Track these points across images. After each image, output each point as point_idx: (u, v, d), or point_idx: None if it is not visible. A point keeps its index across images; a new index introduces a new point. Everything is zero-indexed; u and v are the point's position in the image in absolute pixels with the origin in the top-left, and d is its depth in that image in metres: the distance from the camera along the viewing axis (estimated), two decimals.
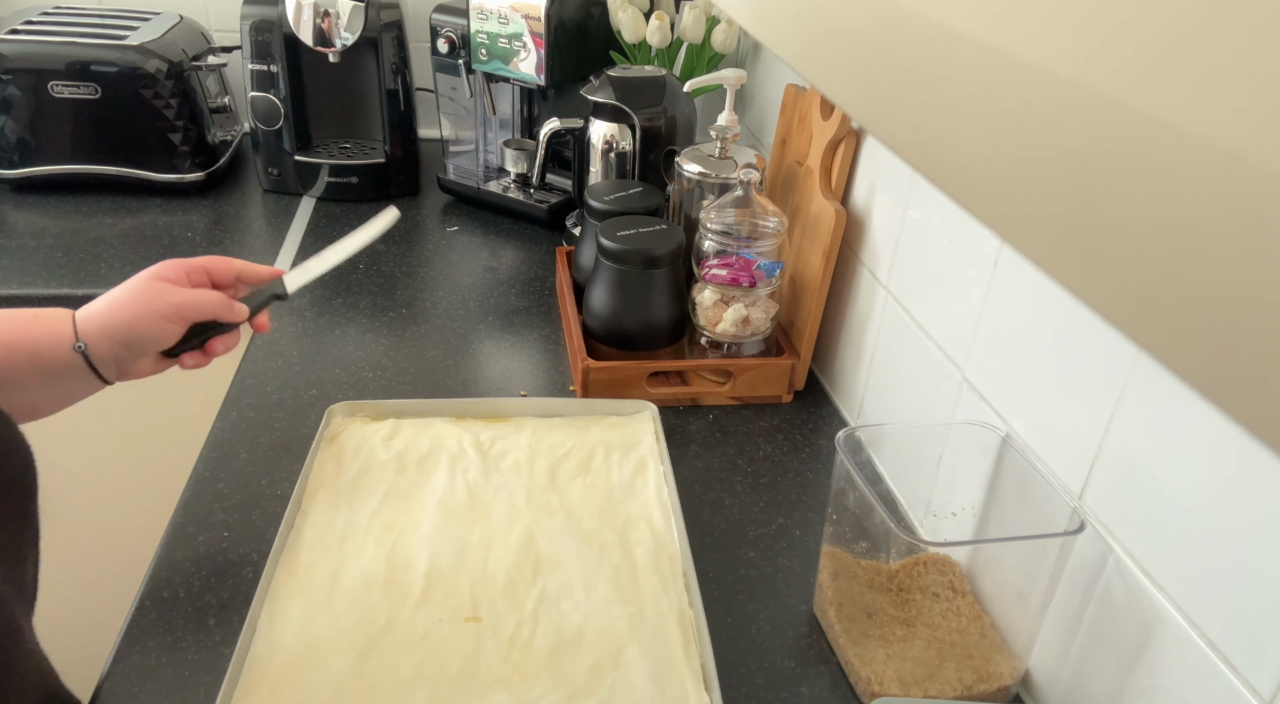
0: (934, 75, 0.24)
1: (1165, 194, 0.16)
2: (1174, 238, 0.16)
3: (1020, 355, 0.67)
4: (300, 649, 0.63)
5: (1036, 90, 0.20)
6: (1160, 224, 0.16)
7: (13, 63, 1.25)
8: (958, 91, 0.23)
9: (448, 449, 0.82)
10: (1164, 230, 0.16)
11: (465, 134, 1.41)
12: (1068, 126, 0.19)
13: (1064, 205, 0.19)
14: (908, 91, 0.26)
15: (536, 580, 0.70)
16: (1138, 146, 0.17)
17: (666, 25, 1.25)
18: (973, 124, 0.22)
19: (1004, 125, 0.21)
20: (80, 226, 1.25)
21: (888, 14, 0.27)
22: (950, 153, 0.23)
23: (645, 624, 0.66)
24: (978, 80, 0.22)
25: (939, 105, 0.24)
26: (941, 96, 0.24)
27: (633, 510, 0.77)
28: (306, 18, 1.25)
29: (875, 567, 0.68)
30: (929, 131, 0.24)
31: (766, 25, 0.39)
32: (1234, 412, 0.15)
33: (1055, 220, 0.19)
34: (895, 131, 0.26)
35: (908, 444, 0.83)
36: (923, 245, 0.81)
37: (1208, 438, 0.50)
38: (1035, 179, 0.20)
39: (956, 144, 0.23)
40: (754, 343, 0.98)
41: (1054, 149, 0.19)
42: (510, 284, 1.19)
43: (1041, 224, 0.20)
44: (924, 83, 0.25)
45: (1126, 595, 0.56)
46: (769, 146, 1.19)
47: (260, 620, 0.65)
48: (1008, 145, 0.21)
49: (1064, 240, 0.19)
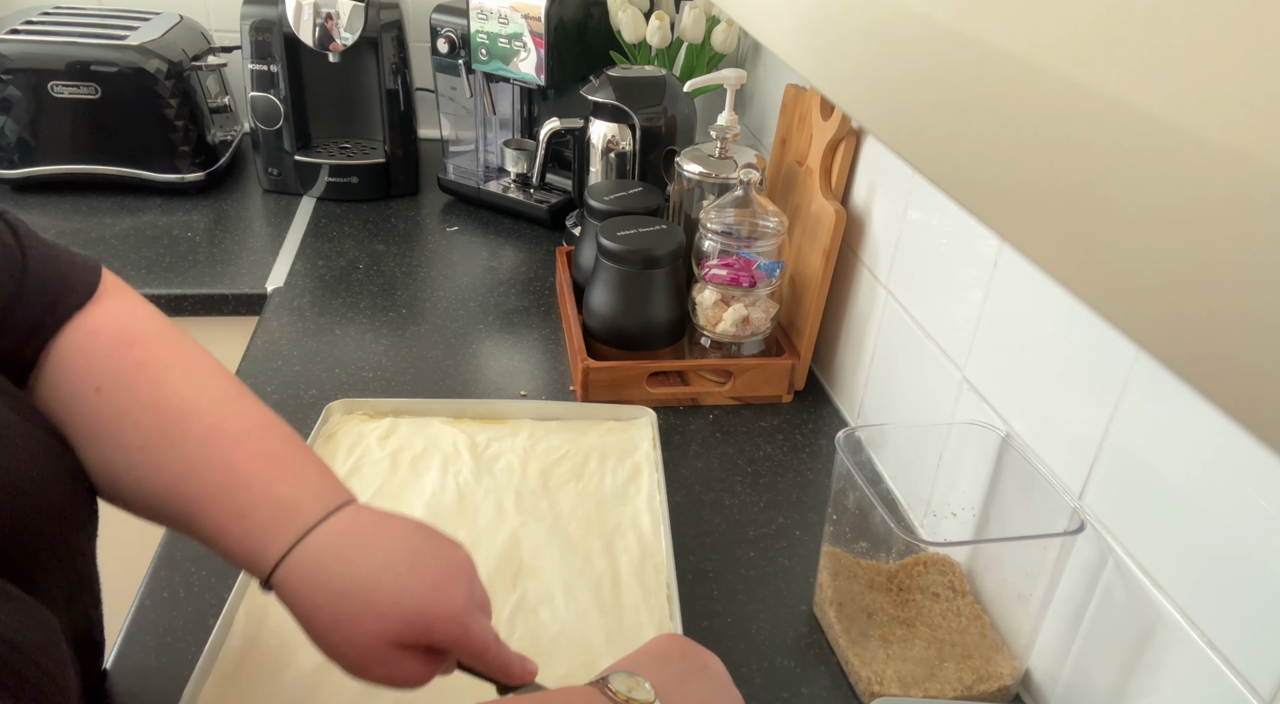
0: (934, 75, 0.24)
1: (1165, 194, 0.16)
2: (1174, 237, 0.16)
3: (1020, 355, 0.67)
4: (273, 646, 0.62)
5: (1036, 90, 0.20)
6: (1160, 224, 0.16)
7: (13, 63, 1.25)
8: (957, 91, 0.23)
9: (442, 449, 0.82)
10: (1164, 230, 0.16)
11: (465, 134, 1.41)
12: (1067, 126, 0.19)
13: (1064, 205, 0.19)
14: (908, 92, 0.26)
15: (516, 586, 0.69)
16: (1137, 146, 0.17)
17: (666, 25, 1.25)
18: (972, 124, 0.22)
19: (1004, 125, 0.21)
20: (80, 226, 1.25)
21: (887, 14, 0.27)
22: (950, 153, 0.23)
23: (623, 635, 0.65)
24: (977, 80, 0.22)
25: (939, 105, 0.24)
26: (941, 96, 0.24)
27: (622, 518, 0.77)
28: (306, 18, 1.25)
29: (875, 567, 0.68)
30: (929, 132, 0.24)
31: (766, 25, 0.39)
32: (1234, 411, 0.15)
33: (1055, 220, 0.19)
34: (895, 132, 0.26)
35: (908, 444, 0.83)
36: (923, 245, 0.81)
37: (1208, 438, 0.50)
38: (1035, 179, 0.20)
39: (956, 144, 0.23)
40: (754, 343, 0.98)
41: (1054, 149, 0.19)
42: (510, 284, 1.19)
43: (1041, 224, 0.20)
44: (924, 83, 0.25)
45: (1126, 595, 0.56)
46: (769, 146, 1.19)
47: (238, 616, 0.65)
48: (1007, 145, 0.21)
49: (1064, 240, 0.19)
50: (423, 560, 0.48)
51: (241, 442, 0.50)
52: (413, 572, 0.47)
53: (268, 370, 0.98)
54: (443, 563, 0.49)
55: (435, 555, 0.49)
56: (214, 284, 1.13)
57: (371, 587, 0.47)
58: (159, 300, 1.11)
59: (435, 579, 0.48)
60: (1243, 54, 0.14)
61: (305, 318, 1.08)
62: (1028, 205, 0.20)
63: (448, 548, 0.50)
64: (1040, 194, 0.20)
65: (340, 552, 0.48)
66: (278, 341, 1.03)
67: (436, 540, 0.51)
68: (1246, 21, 0.14)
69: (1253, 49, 0.14)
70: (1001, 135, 0.21)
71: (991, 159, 0.21)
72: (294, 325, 1.06)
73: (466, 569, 0.50)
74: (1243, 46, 0.14)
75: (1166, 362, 0.17)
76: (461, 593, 0.48)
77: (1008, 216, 0.21)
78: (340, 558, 0.47)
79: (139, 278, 1.13)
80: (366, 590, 0.46)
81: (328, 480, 0.51)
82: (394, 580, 0.47)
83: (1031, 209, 0.20)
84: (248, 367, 0.98)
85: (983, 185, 0.22)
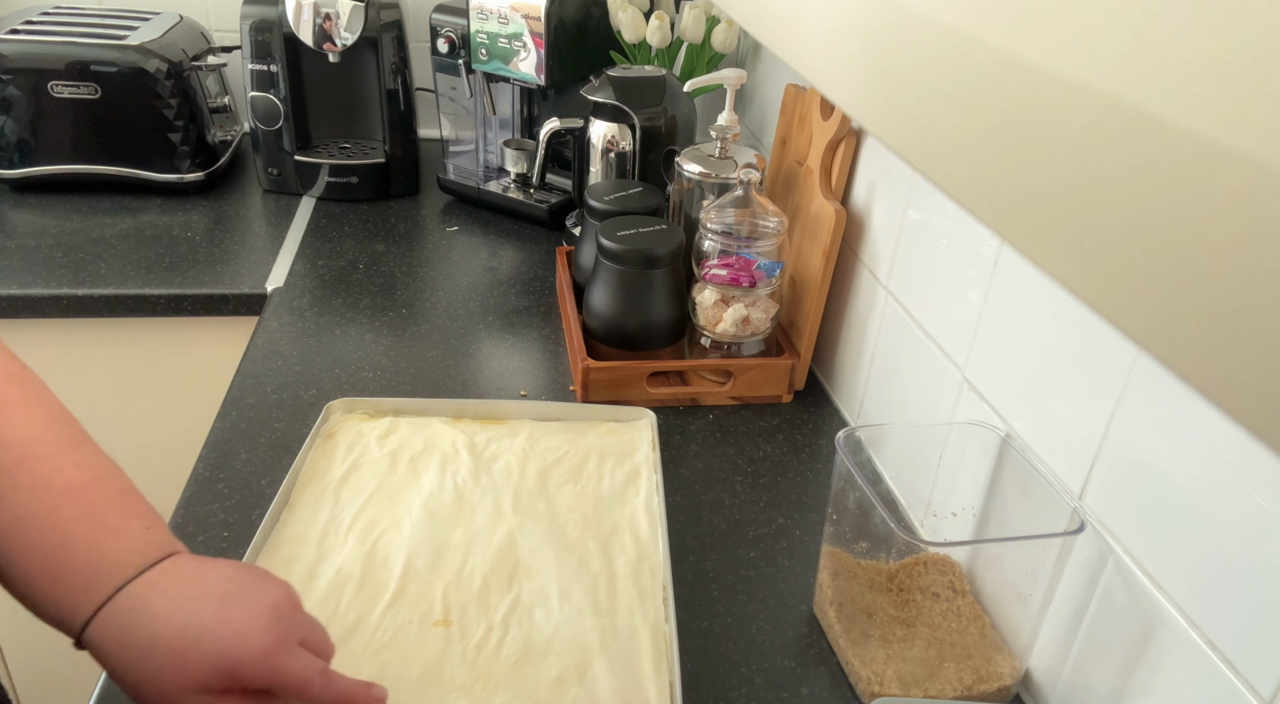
0: (934, 75, 0.24)
1: (1165, 194, 0.16)
2: (1173, 237, 0.16)
3: (1020, 355, 0.67)
4: None
5: (1036, 90, 0.20)
6: (1160, 223, 0.16)
7: (13, 63, 1.25)
8: (958, 92, 0.23)
9: (441, 449, 0.82)
10: (1164, 230, 0.16)
11: (465, 134, 1.41)
12: (1067, 126, 0.19)
13: (1063, 205, 0.19)
14: (908, 92, 0.26)
15: (512, 587, 0.69)
16: (1137, 146, 0.17)
17: (666, 25, 1.25)
18: (973, 124, 0.22)
19: (1004, 125, 0.21)
20: (80, 226, 1.25)
21: (888, 14, 0.27)
22: (951, 153, 0.23)
23: (617, 637, 0.65)
24: (977, 80, 0.22)
25: (939, 105, 0.24)
26: (942, 97, 0.24)
27: (619, 519, 0.76)
28: (306, 18, 1.25)
29: (875, 567, 0.68)
30: (930, 132, 0.24)
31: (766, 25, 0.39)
32: (1234, 411, 0.15)
33: (1055, 220, 0.19)
34: (896, 132, 0.26)
35: (908, 444, 0.83)
36: (923, 245, 0.81)
37: (1208, 438, 0.50)
38: (1035, 179, 0.20)
39: (957, 144, 0.23)
40: (754, 343, 0.98)
41: (1053, 149, 0.19)
42: (510, 284, 1.19)
43: (1041, 224, 0.20)
44: (924, 83, 0.25)
45: (1127, 595, 0.56)
46: (769, 146, 1.19)
47: None
48: (1007, 145, 0.21)
49: (1064, 240, 0.19)
50: (230, 606, 0.49)
51: (72, 496, 0.50)
52: (218, 617, 0.48)
53: (268, 370, 0.98)
54: (252, 606, 0.49)
55: (245, 599, 0.50)
56: (214, 284, 1.13)
57: (174, 639, 0.47)
58: (159, 300, 1.11)
59: (239, 623, 0.48)
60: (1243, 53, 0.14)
61: (305, 318, 1.08)
62: (1027, 205, 0.20)
63: (260, 590, 0.51)
64: (1040, 194, 0.20)
65: (148, 606, 0.48)
66: (278, 341, 1.03)
67: (250, 585, 0.51)
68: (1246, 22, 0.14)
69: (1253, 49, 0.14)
70: (1001, 135, 0.21)
71: (991, 159, 0.21)
72: (294, 325, 1.06)
73: (280, 608, 0.50)
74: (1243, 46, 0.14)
75: (1166, 361, 0.17)
76: (271, 634, 0.48)
77: (1008, 216, 0.21)
78: (146, 613, 0.48)
79: (139, 278, 1.13)
80: (170, 643, 0.47)
81: (153, 534, 0.51)
82: (197, 630, 0.47)
83: (1031, 209, 0.20)
84: (248, 366, 0.98)
85: (983, 185, 0.22)
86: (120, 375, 1.17)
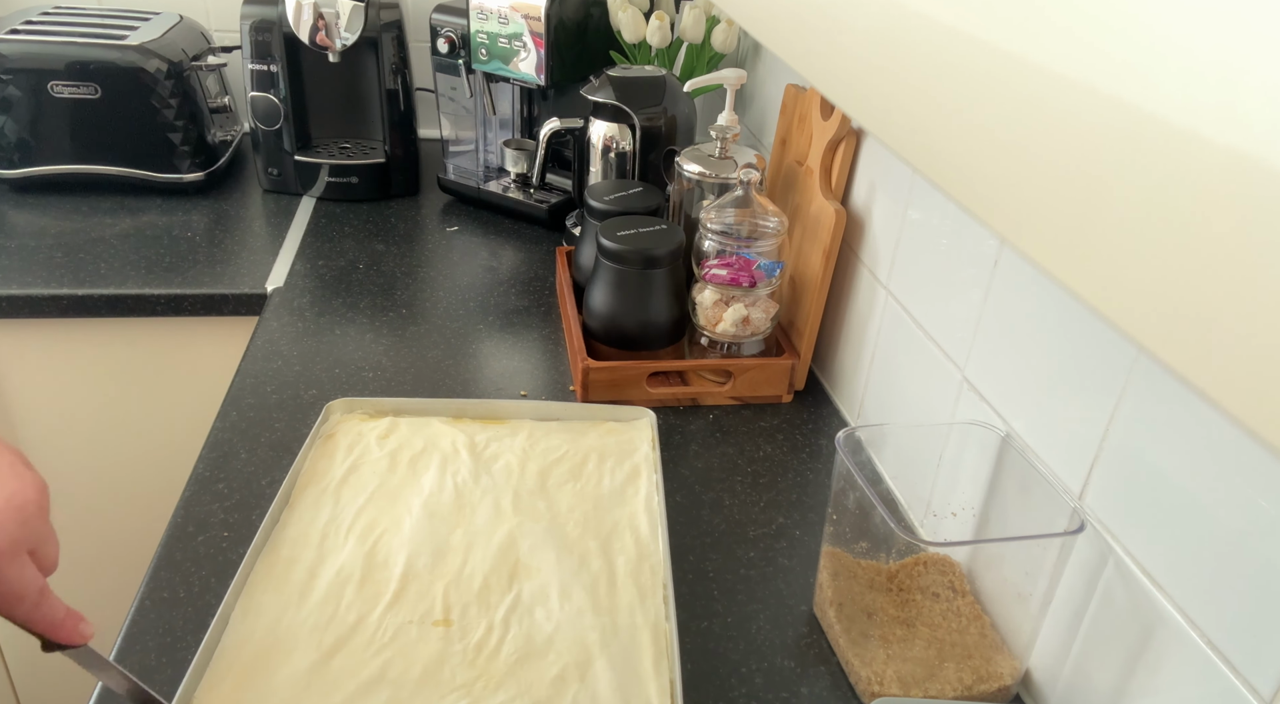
0: (934, 75, 0.24)
1: (1164, 194, 0.16)
2: (1173, 238, 0.16)
3: (1020, 355, 0.67)
4: (268, 645, 0.63)
5: (1036, 90, 0.20)
6: (1159, 224, 0.16)
7: (13, 63, 1.25)
8: (957, 92, 0.23)
9: (441, 449, 0.82)
10: (1163, 231, 0.16)
11: (465, 134, 1.41)
12: (1067, 127, 0.19)
13: (1063, 205, 0.19)
14: (908, 92, 0.26)
15: (512, 586, 0.69)
16: (1137, 147, 0.17)
17: (666, 25, 1.25)
18: (972, 124, 0.22)
19: (1004, 125, 0.21)
20: (80, 226, 1.25)
21: (887, 14, 0.27)
22: (950, 153, 0.23)
23: (617, 636, 0.65)
24: (977, 80, 0.22)
25: (939, 105, 0.24)
26: (941, 97, 0.24)
27: (619, 519, 0.76)
28: (306, 18, 1.25)
29: (875, 567, 0.68)
30: (929, 132, 0.24)
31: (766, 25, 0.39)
32: (1234, 411, 0.15)
33: (1054, 220, 0.19)
34: (896, 132, 0.26)
35: (908, 444, 0.83)
36: (923, 245, 0.81)
37: (1208, 437, 0.50)
38: (1035, 179, 0.20)
39: (957, 144, 0.23)
40: (754, 343, 0.98)
41: (1054, 149, 0.19)
42: (510, 284, 1.19)
43: (1040, 224, 0.20)
44: (924, 83, 0.25)
45: (1127, 596, 0.56)
46: (769, 146, 1.19)
47: (234, 613, 0.65)
48: (1008, 145, 0.21)
49: (1063, 241, 0.19)
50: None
51: None
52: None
53: (268, 370, 0.98)
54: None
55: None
56: (214, 284, 1.13)
57: None
58: (159, 300, 1.11)
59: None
60: (1243, 53, 0.14)
61: (305, 318, 1.08)
62: (1028, 206, 0.20)
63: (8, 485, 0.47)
64: (1040, 194, 0.20)
65: None
66: (278, 341, 1.03)
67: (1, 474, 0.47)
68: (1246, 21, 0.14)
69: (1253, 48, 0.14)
70: (1001, 135, 0.21)
71: (991, 159, 0.21)
72: (294, 325, 1.06)
73: (26, 510, 0.47)
74: (1243, 46, 0.14)
75: (1166, 362, 0.17)
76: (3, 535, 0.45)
77: (1008, 217, 0.21)
78: None
79: (139, 278, 1.13)
80: None
81: None
82: None
83: (1031, 209, 0.20)
84: (248, 366, 0.98)
85: (983, 185, 0.22)
86: (120, 375, 1.17)
